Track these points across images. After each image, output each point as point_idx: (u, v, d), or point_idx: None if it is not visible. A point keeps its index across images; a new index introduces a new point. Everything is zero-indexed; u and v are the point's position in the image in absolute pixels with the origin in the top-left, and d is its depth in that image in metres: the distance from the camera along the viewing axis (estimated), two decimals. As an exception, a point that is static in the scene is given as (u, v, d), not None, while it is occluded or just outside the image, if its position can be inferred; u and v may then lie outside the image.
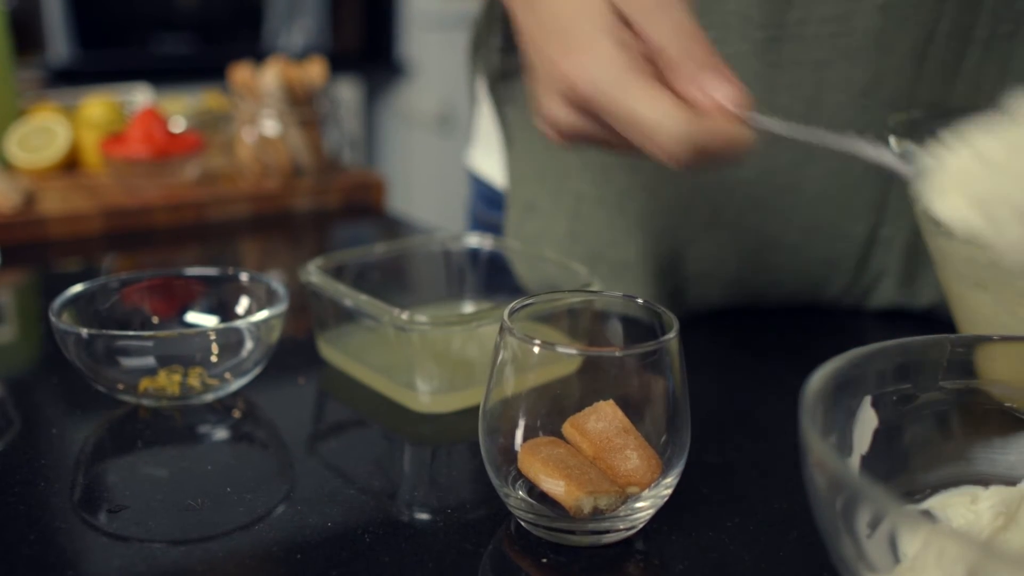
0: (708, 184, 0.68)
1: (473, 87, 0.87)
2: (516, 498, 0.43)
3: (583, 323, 0.51)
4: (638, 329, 0.45)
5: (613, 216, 0.70)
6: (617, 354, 0.41)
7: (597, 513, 0.41)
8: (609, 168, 0.69)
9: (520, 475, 0.43)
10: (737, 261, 0.71)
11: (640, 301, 0.44)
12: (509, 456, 0.42)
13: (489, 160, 0.90)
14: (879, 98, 0.65)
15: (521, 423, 0.42)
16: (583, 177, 0.70)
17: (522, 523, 0.44)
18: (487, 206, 0.92)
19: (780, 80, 0.64)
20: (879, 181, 0.68)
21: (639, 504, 0.42)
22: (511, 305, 0.44)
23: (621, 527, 0.42)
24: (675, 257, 0.71)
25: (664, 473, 0.42)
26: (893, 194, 0.69)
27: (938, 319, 0.72)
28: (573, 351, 0.40)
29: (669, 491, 0.43)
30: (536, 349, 0.40)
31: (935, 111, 0.61)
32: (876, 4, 0.62)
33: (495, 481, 0.44)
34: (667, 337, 0.41)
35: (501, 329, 0.42)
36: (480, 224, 0.92)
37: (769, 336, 0.70)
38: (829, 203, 0.69)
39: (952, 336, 0.41)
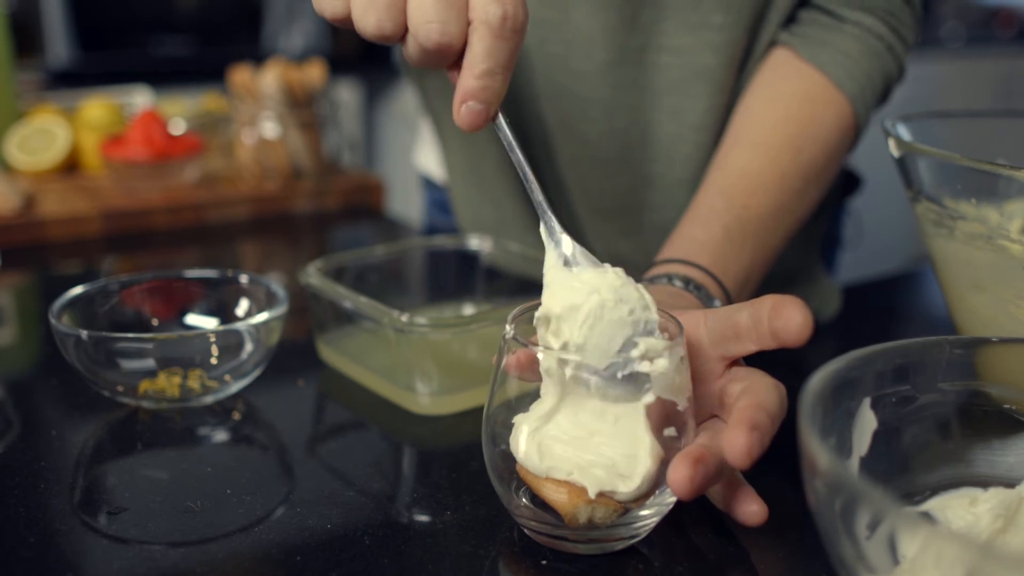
0: (621, 186, 0.70)
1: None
2: (520, 505, 0.42)
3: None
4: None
5: (528, 201, 0.72)
6: (620, 359, 0.40)
7: (592, 524, 0.40)
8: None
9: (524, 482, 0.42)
10: (637, 254, 0.72)
11: None
12: (512, 462, 0.42)
13: (431, 156, 0.91)
14: (714, 135, 0.65)
15: (525, 429, 0.41)
16: (500, 167, 0.72)
17: (526, 531, 0.43)
18: (440, 212, 0.92)
19: (621, 101, 0.65)
20: None
21: (644, 512, 0.41)
22: (514, 311, 0.43)
23: (628, 535, 0.42)
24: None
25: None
26: None
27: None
28: (576, 357, 0.39)
29: (675, 498, 0.42)
30: (540, 355, 0.40)
31: (933, 113, 0.61)
32: (708, 43, 0.62)
33: (498, 488, 0.43)
34: (673, 342, 0.40)
35: (504, 334, 0.42)
36: (436, 231, 0.93)
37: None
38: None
39: (951, 338, 0.41)
